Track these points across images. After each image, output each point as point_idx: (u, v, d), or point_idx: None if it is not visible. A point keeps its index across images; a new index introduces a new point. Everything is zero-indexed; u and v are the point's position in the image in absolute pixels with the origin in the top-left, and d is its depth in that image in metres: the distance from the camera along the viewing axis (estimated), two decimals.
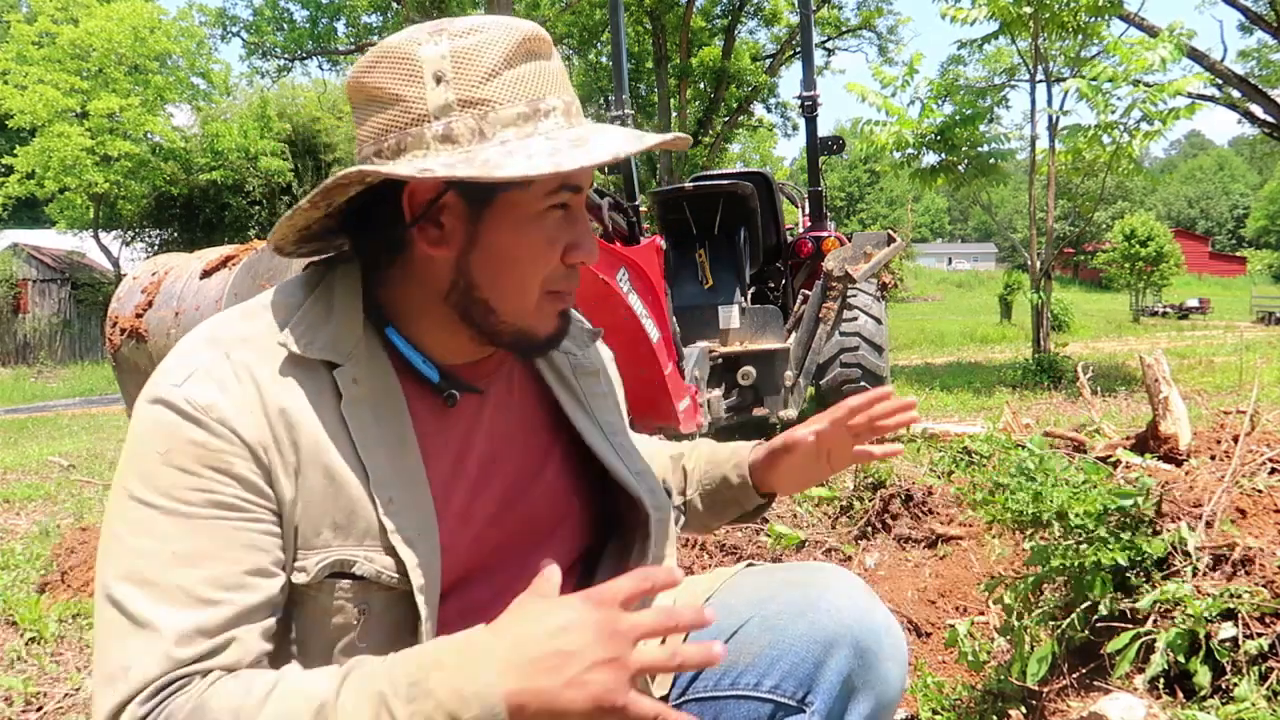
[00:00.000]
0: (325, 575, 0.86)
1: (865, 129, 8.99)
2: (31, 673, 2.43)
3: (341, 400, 0.89)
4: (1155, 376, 2.48)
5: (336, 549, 0.86)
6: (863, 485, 3.26)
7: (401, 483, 0.90)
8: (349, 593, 0.87)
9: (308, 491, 0.86)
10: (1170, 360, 3.56)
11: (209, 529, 0.81)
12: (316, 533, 0.86)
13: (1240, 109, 15.39)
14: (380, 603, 0.88)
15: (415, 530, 0.89)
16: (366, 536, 0.87)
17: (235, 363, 0.87)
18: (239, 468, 0.83)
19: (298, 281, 0.97)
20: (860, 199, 69.36)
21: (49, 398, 16.80)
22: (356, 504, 0.87)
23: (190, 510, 0.81)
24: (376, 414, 0.91)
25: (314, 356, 0.89)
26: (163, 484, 0.81)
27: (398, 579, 0.87)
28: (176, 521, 0.81)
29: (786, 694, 0.99)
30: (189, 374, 0.86)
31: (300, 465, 0.86)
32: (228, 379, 0.86)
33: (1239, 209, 75.08)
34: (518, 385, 1.07)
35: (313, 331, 0.91)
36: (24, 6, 25.03)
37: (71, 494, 5.08)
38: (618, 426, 1.12)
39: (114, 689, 0.77)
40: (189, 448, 0.82)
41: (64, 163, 20.11)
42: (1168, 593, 1.62)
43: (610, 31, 5.50)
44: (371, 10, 23.82)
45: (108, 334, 3.04)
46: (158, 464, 0.82)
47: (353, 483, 0.87)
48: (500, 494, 1.01)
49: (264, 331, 0.90)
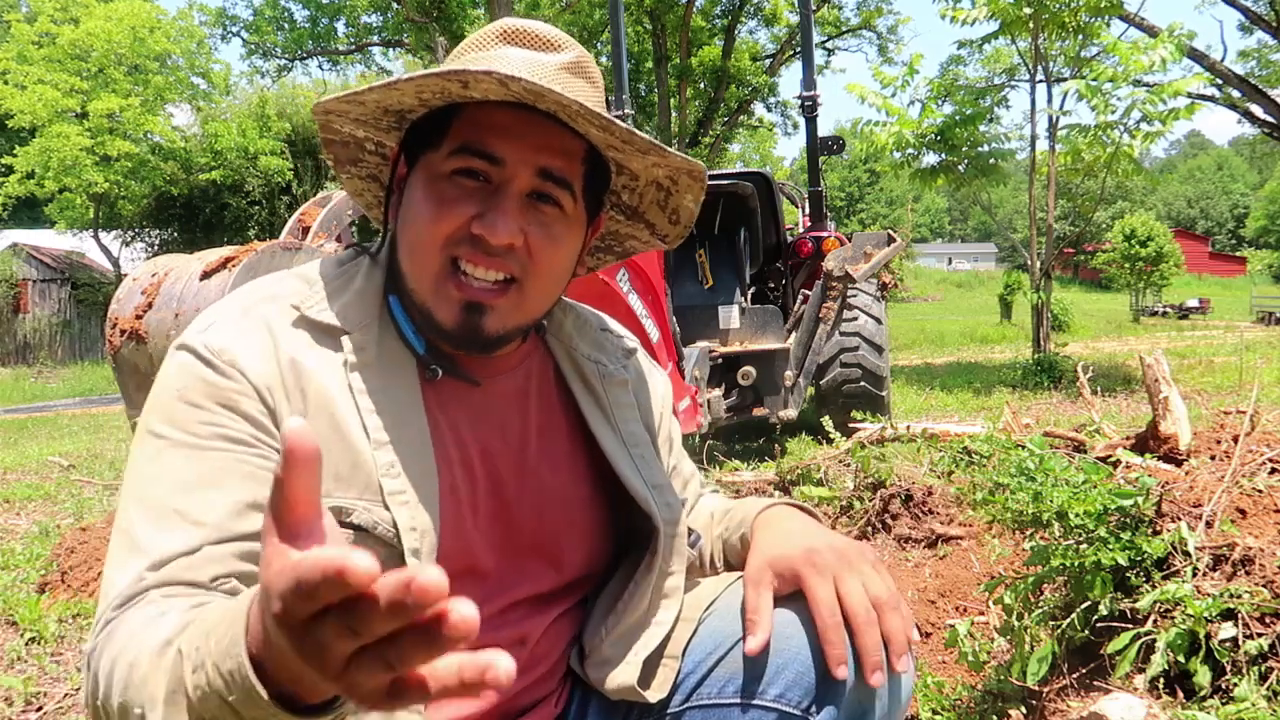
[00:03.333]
0: None
1: (865, 129, 8.99)
2: (31, 673, 2.43)
3: (347, 366, 0.92)
4: (1155, 376, 2.48)
5: (337, 497, 0.88)
6: (863, 485, 3.25)
7: (403, 450, 0.91)
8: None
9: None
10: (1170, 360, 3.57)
11: (214, 459, 0.85)
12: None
13: (1240, 109, 15.40)
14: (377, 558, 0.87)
15: (415, 496, 0.90)
16: (366, 491, 0.89)
17: (254, 316, 0.92)
18: (246, 405, 0.87)
19: (334, 258, 1.02)
20: (860, 199, 69.38)
21: (49, 398, 16.81)
22: (359, 458, 0.89)
23: (197, 442, 0.85)
24: (383, 383, 0.93)
25: (324, 320, 0.93)
26: (177, 418, 0.86)
27: (393, 534, 0.88)
28: (185, 452, 0.85)
29: (792, 703, 0.97)
30: (210, 323, 0.92)
31: (307, 412, 0.89)
32: (245, 327, 0.91)
33: (1239, 209, 75.10)
34: (538, 387, 1.07)
35: (329, 299, 0.95)
36: (24, 6, 25.01)
37: (71, 494, 5.08)
38: (641, 439, 1.10)
39: (102, 602, 0.81)
40: (201, 385, 0.87)
41: (64, 163, 20.12)
42: (1168, 593, 1.62)
43: (610, 31, 5.51)
44: (371, 10, 23.85)
45: (108, 335, 3.04)
46: (175, 401, 0.87)
47: (357, 438, 0.90)
48: (504, 492, 1.00)
49: (284, 294, 0.96)
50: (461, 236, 0.92)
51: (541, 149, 0.93)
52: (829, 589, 0.95)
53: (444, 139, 0.94)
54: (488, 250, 0.91)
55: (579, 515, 1.06)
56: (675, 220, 1.10)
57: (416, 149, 0.97)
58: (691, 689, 1.04)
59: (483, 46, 0.97)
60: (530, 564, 1.02)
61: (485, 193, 0.93)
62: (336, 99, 0.96)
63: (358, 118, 0.99)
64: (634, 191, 1.09)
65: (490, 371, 1.02)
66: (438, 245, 0.92)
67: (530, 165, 0.92)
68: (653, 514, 1.04)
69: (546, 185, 0.93)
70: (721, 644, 1.03)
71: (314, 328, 0.93)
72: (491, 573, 0.99)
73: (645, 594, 1.03)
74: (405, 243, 0.96)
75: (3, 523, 4.41)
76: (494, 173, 0.92)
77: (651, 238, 1.14)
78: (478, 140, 0.92)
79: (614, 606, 1.04)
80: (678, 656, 1.04)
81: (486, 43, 0.97)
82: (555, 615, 1.05)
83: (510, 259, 0.92)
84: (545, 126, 0.93)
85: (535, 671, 1.02)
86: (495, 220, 0.90)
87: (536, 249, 0.93)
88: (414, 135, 0.98)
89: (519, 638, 1.00)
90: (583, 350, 1.10)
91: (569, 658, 1.06)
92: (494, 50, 0.96)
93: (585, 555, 1.06)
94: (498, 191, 0.92)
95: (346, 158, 1.07)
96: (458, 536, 0.95)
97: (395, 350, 0.96)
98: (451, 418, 0.98)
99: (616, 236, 1.15)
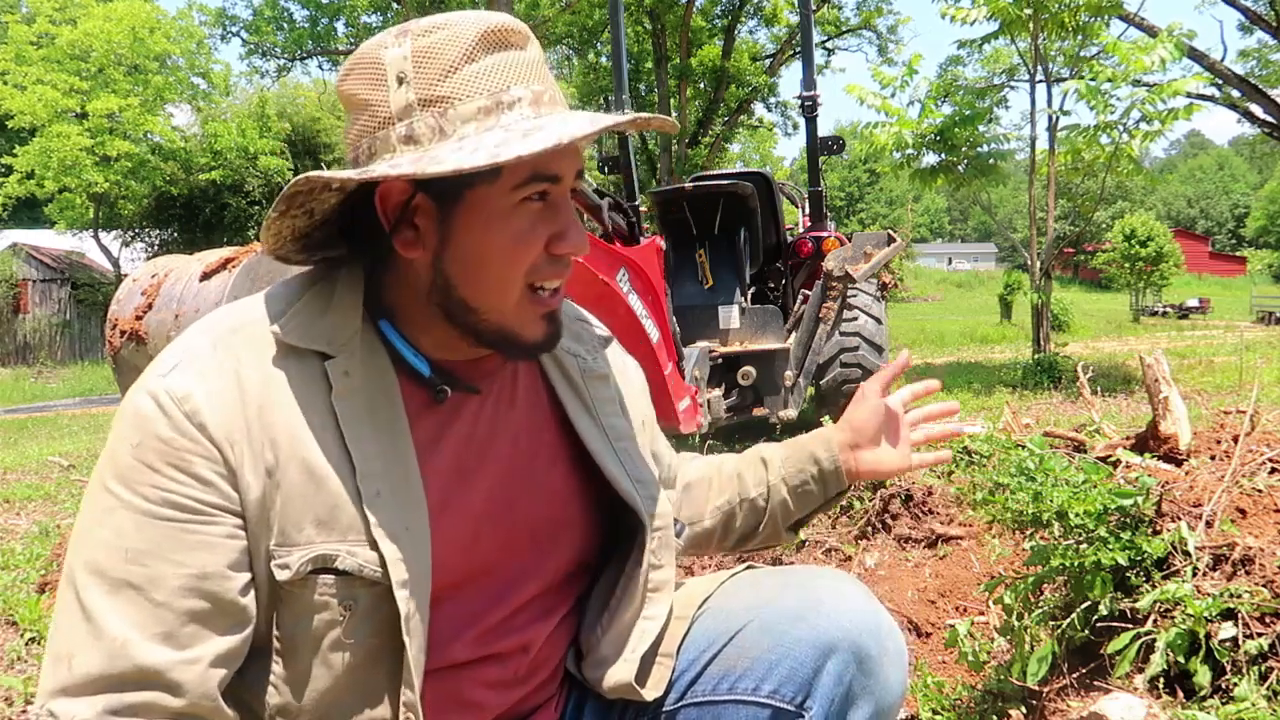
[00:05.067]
0: (308, 571, 0.86)
1: (865, 130, 8.99)
2: (31, 673, 2.43)
3: (332, 392, 0.90)
4: (1155, 376, 2.48)
5: (320, 544, 0.86)
6: (863, 485, 3.25)
7: (391, 476, 0.90)
8: (333, 589, 0.86)
9: (286, 487, 0.86)
10: (1170, 360, 3.56)
11: (161, 529, 0.83)
12: (299, 529, 0.86)
13: (1240, 109, 15.39)
14: (367, 599, 0.87)
15: (402, 524, 0.88)
16: (350, 531, 0.87)
17: (221, 355, 0.88)
18: (199, 468, 0.84)
19: (302, 277, 0.98)
20: (860, 199, 69.34)
21: (49, 398, 16.81)
22: (339, 499, 0.87)
23: (147, 507, 0.83)
24: (370, 407, 0.91)
25: (305, 346, 0.90)
26: (129, 476, 0.84)
27: (380, 573, 0.87)
28: (134, 517, 0.83)
29: (785, 699, 0.98)
30: (175, 364, 0.88)
31: (278, 462, 0.86)
32: (210, 371, 0.87)
33: (1239, 209, 75.06)
34: (523, 386, 1.06)
35: (308, 323, 0.92)
36: (23, 7, 25.01)
37: (71, 494, 5.08)
38: (624, 432, 1.10)
39: (56, 671, 0.82)
40: (155, 443, 0.84)
41: (64, 163, 20.11)
42: (1168, 593, 1.62)
43: (610, 31, 5.51)
44: (371, 10, 23.83)
45: (108, 336, 3.04)
46: (129, 455, 0.85)
47: (334, 478, 0.87)
48: (498, 493, 1.00)
49: (258, 320, 0.92)
50: (543, 261, 0.93)
51: (578, 154, 0.94)
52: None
53: (499, 172, 0.88)
54: (566, 265, 0.95)
55: (570, 512, 1.05)
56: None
57: (451, 185, 0.89)
58: (686, 687, 1.04)
59: (474, 58, 0.88)
60: (528, 565, 1.02)
61: (548, 211, 0.93)
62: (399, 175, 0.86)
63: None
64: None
65: (482, 375, 1.01)
66: (522, 276, 0.93)
67: (572, 172, 0.94)
68: (637, 508, 1.04)
69: (577, 182, 0.95)
70: (715, 641, 1.03)
71: (292, 354, 0.90)
72: (491, 579, 0.99)
73: (636, 590, 1.03)
74: (473, 279, 0.92)
75: (3, 523, 4.41)
76: (553, 190, 0.92)
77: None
78: (546, 167, 0.90)
79: (607, 604, 1.04)
80: (672, 655, 1.04)
81: (476, 54, 0.89)
82: (557, 620, 1.04)
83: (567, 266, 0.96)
84: None
85: (537, 678, 1.02)
86: (578, 238, 0.94)
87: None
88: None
89: (522, 645, 1.00)
90: (563, 344, 1.09)
91: (567, 661, 1.06)
92: (492, 58, 0.89)
93: (577, 552, 1.06)
94: (558, 206, 0.93)
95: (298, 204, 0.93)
96: (454, 549, 0.94)
97: (378, 370, 0.94)
98: (442, 430, 0.97)
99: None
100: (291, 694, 0.88)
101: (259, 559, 0.86)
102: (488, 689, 0.97)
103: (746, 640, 1.02)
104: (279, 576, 0.85)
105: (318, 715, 0.88)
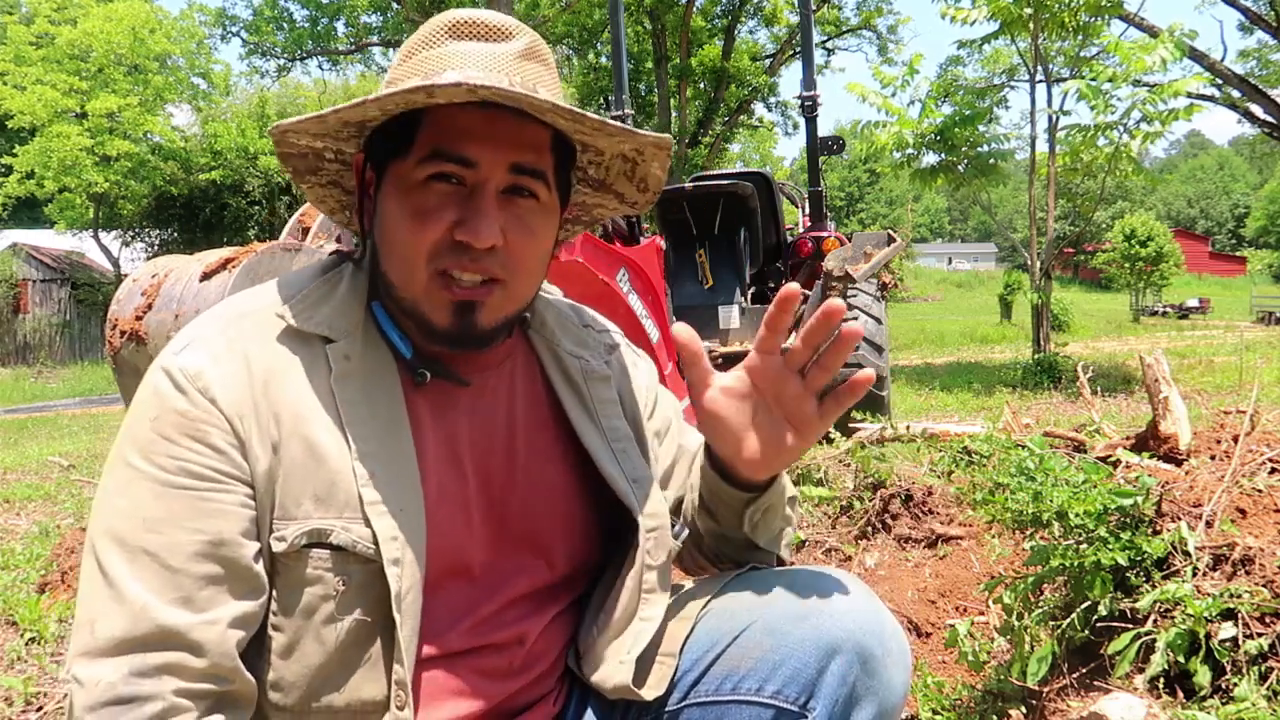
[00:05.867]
0: (303, 544, 0.88)
1: (865, 129, 9.00)
2: (31, 673, 2.43)
3: (331, 374, 0.92)
4: (1155, 376, 2.48)
5: (316, 519, 0.89)
6: (863, 485, 3.26)
7: (386, 458, 0.92)
8: (327, 563, 0.89)
9: (288, 463, 0.89)
10: (1170, 360, 3.57)
11: (178, 497, 0.86)
12: (297, 503, 0.89)
13: (1240, 109, 15.40)
14: (360, 575, 0.89)
15: (398, 505, 0.90)
16: (346, 508, 0.89)
17: (230, 335, 0.92)
18: (214, 438, 0.87)
19: (315, 265, 1.03)
20: (860, 199, 69.39)
21: (49, 398, 16.81)
22: (337, 476, 0.90)
23: (164, 477, 0.86)
24: (367, 391, 0.94)
25: (308, 330, 0.94)
26: (147, 449, 0.87)
27: (373, 550, 0.89)
28: (152, 487, 0.86)
29: (788, 699, 0.98)
30: (187, 344, 0.92)
31: (281, 438, 0.89)
32: (220, 350, 0.91)
33: (1239, 209, 75.11)
34: (522, 383, 1.07)
35: (312, 308, 0.96)
36: (23, 8, 25.02)
37: (71, 494, 5.08)
38: (623, 433, 1.10)
39: (79, 637, 0.84)
40: (173, 416, 0.88)
41: (64, 163, 20.13)
42: (1168, 593, 1.62)
43: (610, 31, 5.50)
44: (371, 10, 23.83)
45: (107, 336, 3.03)
46: (147, 429, 0.88)
47: (334, 456, 0.90)
48: (494, 487, 1.01)
49: (267, 306, 0.96)
50: (445, 245, 0.92)
51: (512, 145, 0.93)
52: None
53: (411, 146, 0.92)
54: (473, 255, 0.92)
55: (566, 509, 1.06)
56: (644, 188, 1.10)
57: (382, 156, 0.96)
58: (689, 687, 1.04)
59: (432, 44, 0.94)
60: (523, 559, 1.03)
61: (461, 196, 0.92)
62: (297, 121, 0.95)
63: (317, 132, 0.98)
64: (600, 166, 1.08)
65: (476, 369, 1.03)
66: (423, 256, 0.92)
67: (503, 163, 0.92)
68: (632, 507, 1.04)
69: (522, 179, 0.94)
70: (719, 642, 1.03)
71: (297, 337, 0.93)
72: (486, 570, 1.00)
73: (630, 590, 1.03)
74: (388, 253, 0.95)
75: (3, 523, 4.41)
76: (468, 175, 0.92)
77: (620, 205, 1.13)
78: (449, 145, 0.91)
79: (603, 604, 1.05)
80: (674, 655, 1.04)
81: (436, 39, 0.94)
82: (552, 615, 1.05)
83: (492, 260, 0.93)
84: (513, 122, 0.92)
85: (533, 671, 1.03)
86: (477, 225, 0.91)
87: (516, 246, 0.94)
88: (377, 142, 0.97)
89: (517, 637, 1.01)
90: (566, 346, 1.10)
91: (567, 657, 1.06)
92: (446, 47, 0.94)
93: (573, 549, 1.07)
94: (474, 194, 0.92)
95: (305, 168, 1.05)
96: (449, 536, 0.96)
97: (378, 356, 0.96)
98: (439, 419, 0.99)
99: (584, 207, 1.15)
100: (285, 668, 0.89)
101: (264, 530, 0.89)
102: (484, 678, 0.98)
103: (750, 640, 1.02)
104: (275, 549, 0.88)
105: (311, 690, 0.90)
